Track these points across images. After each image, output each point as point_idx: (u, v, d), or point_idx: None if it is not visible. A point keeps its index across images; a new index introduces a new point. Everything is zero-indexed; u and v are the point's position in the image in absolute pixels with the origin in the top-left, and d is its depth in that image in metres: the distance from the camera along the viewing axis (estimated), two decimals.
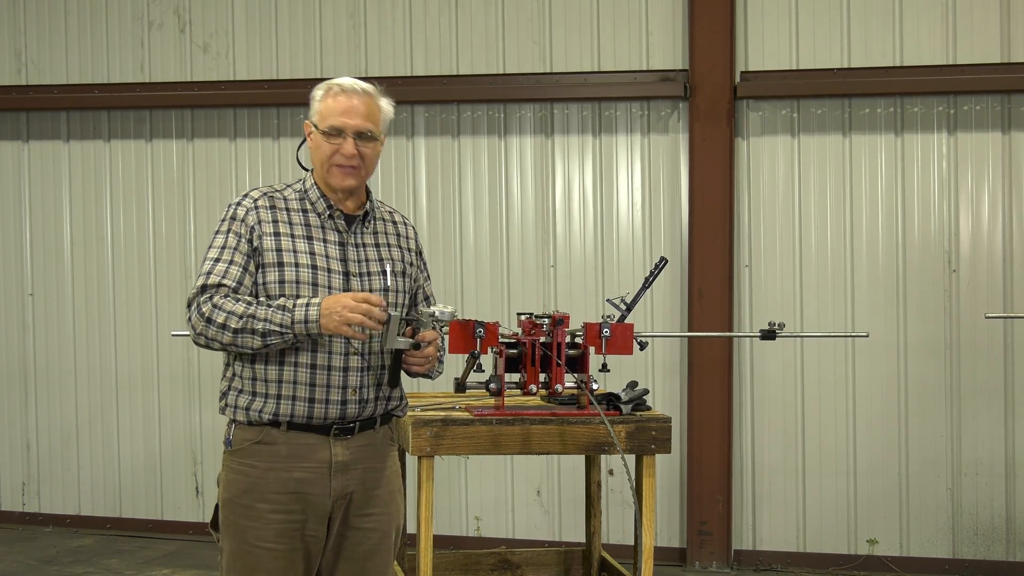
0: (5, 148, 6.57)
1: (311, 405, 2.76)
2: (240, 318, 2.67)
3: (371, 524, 2.86)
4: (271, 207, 2.82)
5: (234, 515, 2.78)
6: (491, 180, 6.07)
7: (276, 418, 2.75)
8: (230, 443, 2.82)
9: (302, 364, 2.75)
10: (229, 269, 2.75)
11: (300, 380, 2.75)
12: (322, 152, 2.82)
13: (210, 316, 2.69)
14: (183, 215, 6.38)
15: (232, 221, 2.80)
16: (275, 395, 2.75)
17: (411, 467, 3.79)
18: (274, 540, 2.74)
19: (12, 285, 6.56)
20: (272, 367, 2.75)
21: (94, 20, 6.43)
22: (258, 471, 2.76)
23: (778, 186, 5.80)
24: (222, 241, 2.79)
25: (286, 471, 2.75)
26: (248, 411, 2.77)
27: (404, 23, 6.12)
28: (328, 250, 2.81)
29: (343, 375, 2.78)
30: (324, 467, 2.78)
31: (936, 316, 5.64)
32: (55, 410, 6.52)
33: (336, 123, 2.79)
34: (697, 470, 5.75)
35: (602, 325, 3.65)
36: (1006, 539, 5.58)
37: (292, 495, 2.75)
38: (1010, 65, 5.54)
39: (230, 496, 2.80)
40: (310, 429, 2.77)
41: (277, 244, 2.77)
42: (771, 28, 5.77)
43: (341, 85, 2.85)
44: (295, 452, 2.76)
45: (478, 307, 5.98)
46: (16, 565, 5.73)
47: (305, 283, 2.75)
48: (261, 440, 2.77)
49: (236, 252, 2.76)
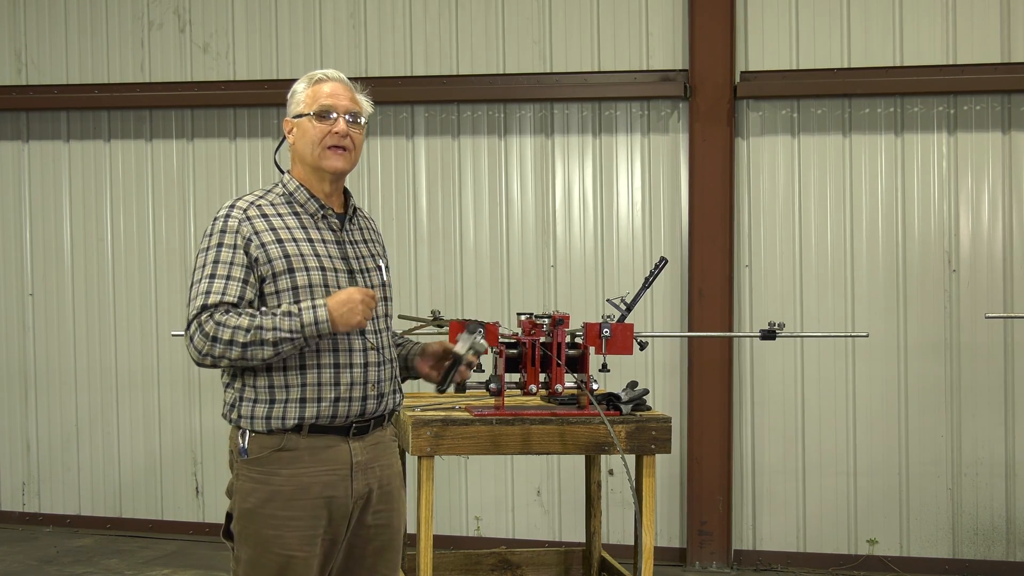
0: (5, 148, 6.57)
1: (336, 404, 2.73)
2: (247, 331, 2.60)
3: (383, 520, 2.85)
4: (262, 215, 2.74)
5: (255, 525, 2.71)
6: (491, 180, 6.07)
7: (301, 422, 2.71)
8: (246, 452, 2.73)
9: (326, 365, 2.72)
10: (228, 285, 2.67)
11: (325, 381, 2.72)
12: (313, 136, 2.79)
13: (215, 335, 2.62)
14: (183, 215, 6.38)
15: (223, 234, 2.71)
16: (298, 399, 2.71)
17: (411, 467, 3.79)
18: (298, 547, 2.70)
19: (12, 285, 6.56)
20: (293, 372, 2.70)
21: (94, 20, 6.43)
22: (281, 478, 2.70)
23: (778, 186, 5.80)
24: (215, 256, 2.70)
25: (310, 476, 2.71)
26: (269, 419, 2.71)
27: (404, 23, 6.13)
28: (329, 250, 2.79)
29: (364, 371, 2.77)
30: (346, 468, 2.75)
31: (936, 316, 5.65)
32: (55, 410, 6.52)
33: (327, 103, 2.80)
34: (697, 470, 5.75)
35: (602, 325, 3.66)
36: (1006, 539, 5.58)
37: (317, 500, 2.71)
38: (1010, 65, 5.54)
39: (250, 506, 2.71)
40: (330, 430, 2.74)
41: (283, 250, 2.71)
42: (771, 28, 5.77)
43: (325, 73, 2.87)
44: (317, 456, 2.73)
45: (478, 307, 5.98)
46: (16, 565, 5.73)
47: (318, 286, 2.72)
48: (283, 447, 2.71)
49: (233, 266, 2.68)
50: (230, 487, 2.79)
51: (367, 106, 2.93)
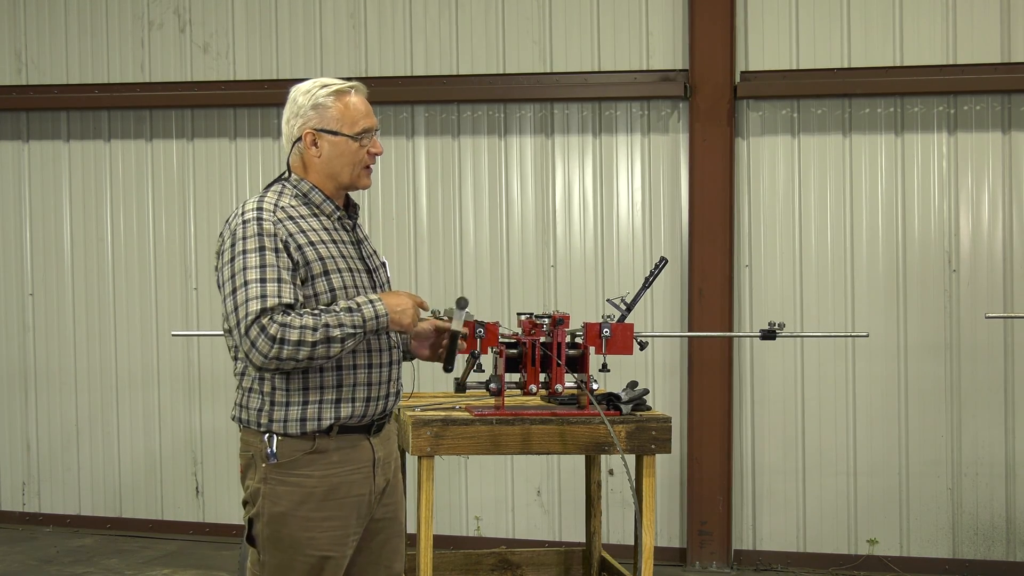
0: (5, 148, 6.57)
1: (367, 404, 2.78)
2: (314, 330, 2.59)
3: (390, 514, 2.91)
4: (289, 217, 2.73)
5: (288, 528, 2.70)
6: (491, 180, 6.07)
7: (335, 422, 2.73)
8: (274, 456, 2.70)
9: (360, 365, 2.76)
10: (282, 288, 2.63)
11: (360, 381, 2.76)
12: (353, 156, 2.81)
13: (282, 336, 2.58)
14: (183, 215, 6.38)
15: (261, 237, 2.66)
16: (333, 400, 2.72)
17: (411, 467, 3.79)
18: (330, 547, 2.72)
19: (12, 285, 6.56)
20: (329, 373, 2.72)
21: (94, 20, 6.43)
22: (314, 480, 2.71)
23: (778, 186, 5.80)
24: (258, 260, 2.64)
25: (340, 476, 2.73)
26: (303, 422, 2.70)
27: (404, 23, 6.12)
28: (350, 251, 2.83)
29: (389, 370, 2.84)
30: (369, 466, 2.80)
31: (936, 316, 5.64)
32: (55, 410, 6.52)
33: (368, 124, 2.82)
34: (697, 470, 5.75)
35: (602, 325, 3.66)
36: (1006, 539, 5.58)
37: (347, 499, 2.74)
38: (1010, 65, 5.54)
39: (283, 510, 2.70)
40: (356, 429, 2.78)
41: (318, 253, 2.71)
42: (771, 28, 5.77)
43: (352, 86, 2.85)
44: (345, 456, 2.75)
45: (478, 307, 5.97)
46: (16, 565, 5.73)
47: (351, 287, 2.76)
48: (315, 449, 2.71)
49: (281, 270, 2.65)
50: (253, 494, 2.75)
51: None
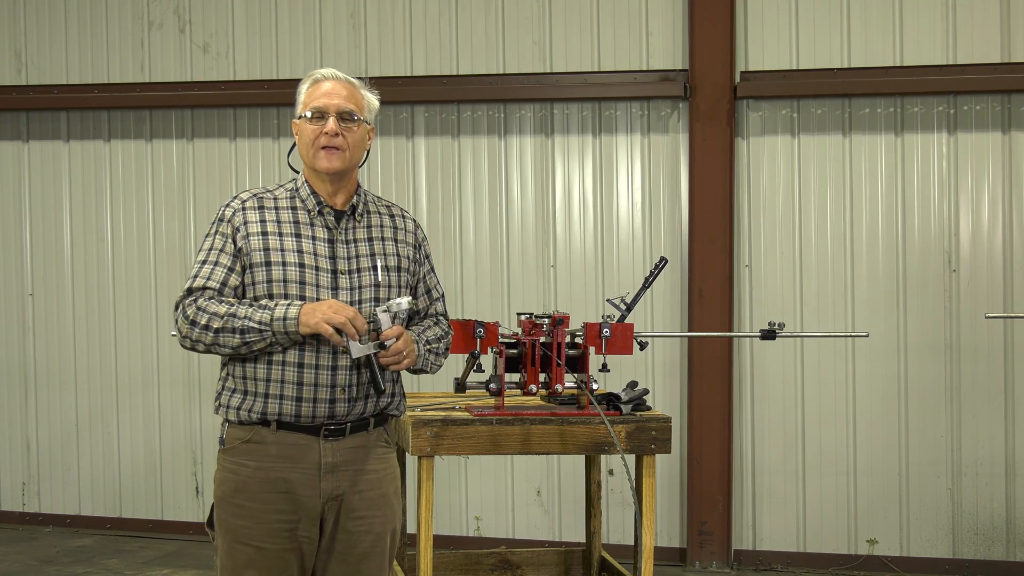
0: (5, 148, 6.57)
1: (299, 404, 2.76)
2: (221, 318, 2.70)
3: (364, 527, 2.84)
4: (259, 207, 2.84)
5: (226, 513, 2.79)
6: (491, 180, 6.07)
7: (265, 417, 2.76)
8: (223, 442, 2.83)
9: (290, 363, 2.75)
10: (214, 271, 2.78)
11: (288, 379, 2.75)
12: (307, 137, 2.84)
13: (194, 318, 2.72)
14: (183, 215, 6.38)
15: (219, 223, 2.83)
16: (263, 394, 2.76)
17: (411, 467, 3.79)
18: (265, 539, 2.75)
19: (12, 285, 6.56)
20: (261, 366, 2.76)
21: (94, 20, 6.43)
22: (248, 470, 2.77)
23: (778, 186, 5.80)
24: (209, 244, 2.82)
25: (276, 471, 2.76)
26: (239, 410, 2.78)
27: (404, 23, 6.13)
28: (316, 247, 2.81)
29: (331, 374, 2.77)
30: (314, 468, 2.78)
31: (936, 316, 5.64)
32: (55, 410, 6.52)
33: (318, 104, 2.83)
34: (697, 470, 5.75)
35: (602, 325, 3.66)
36: (1006, 539, 5.58)
37: (282, 495, 2.76)
38: (1010, 65, 5.54)
39: (223, 494, 2.81)
40: (300, 429, 2.77)
41: (264, 244, 2.78)
42: (771, 28, 5.77)
43: (322, 73, 2.91)
44: (285, 452, 2.77)
45: (478, 307, 5.98)
46: (16, 565, 5.73)
47: (293, 281, 2.76)
48: (252, 439, 2.78)
49: (221, 254, 2.79)
50: (215, 476, 2.87)
51: (373, 101, 2.94)
